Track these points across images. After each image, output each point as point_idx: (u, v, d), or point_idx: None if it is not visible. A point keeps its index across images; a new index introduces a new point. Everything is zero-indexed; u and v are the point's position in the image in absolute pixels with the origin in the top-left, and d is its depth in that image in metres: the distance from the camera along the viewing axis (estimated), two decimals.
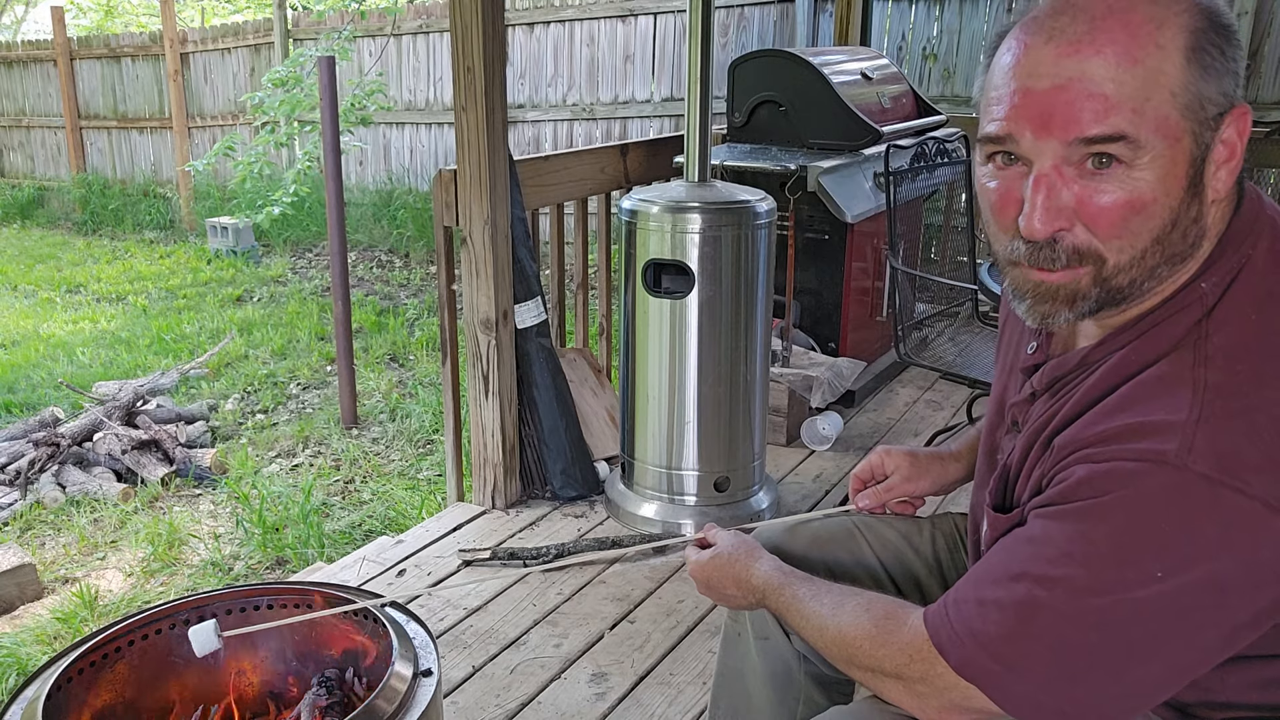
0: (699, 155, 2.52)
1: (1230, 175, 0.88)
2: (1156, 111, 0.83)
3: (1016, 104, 0.87)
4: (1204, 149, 0.86)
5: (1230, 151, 0.87)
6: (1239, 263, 0.89)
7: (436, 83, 7.43)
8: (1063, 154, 0.86)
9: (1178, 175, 0.85)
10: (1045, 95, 0.85)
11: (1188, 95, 0.84)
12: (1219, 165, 0.87)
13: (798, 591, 1.10)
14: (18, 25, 15.15)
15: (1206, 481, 0.79)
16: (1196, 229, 0.88)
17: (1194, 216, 0.88)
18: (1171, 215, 0.86)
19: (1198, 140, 0.85)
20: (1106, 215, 0.86)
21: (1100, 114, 0.83)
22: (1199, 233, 0.89)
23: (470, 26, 2.40)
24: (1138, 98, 0.83)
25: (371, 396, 4.51)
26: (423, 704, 1.18)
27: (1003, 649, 0.87)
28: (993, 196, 0.92)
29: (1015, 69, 0.87)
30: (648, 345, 2.56)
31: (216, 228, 7.53)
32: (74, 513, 3.42)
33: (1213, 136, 0.86)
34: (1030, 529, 0.89)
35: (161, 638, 1.35)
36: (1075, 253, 0.88)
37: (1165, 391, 0.84)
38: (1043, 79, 0.85)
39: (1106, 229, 0.87)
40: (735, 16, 5.81)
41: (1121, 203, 0.85)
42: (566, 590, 2.36)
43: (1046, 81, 0.85)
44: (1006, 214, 0.91)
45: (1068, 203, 0.87)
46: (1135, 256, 0.87)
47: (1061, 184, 0.87)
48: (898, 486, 1.36)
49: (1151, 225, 0.86)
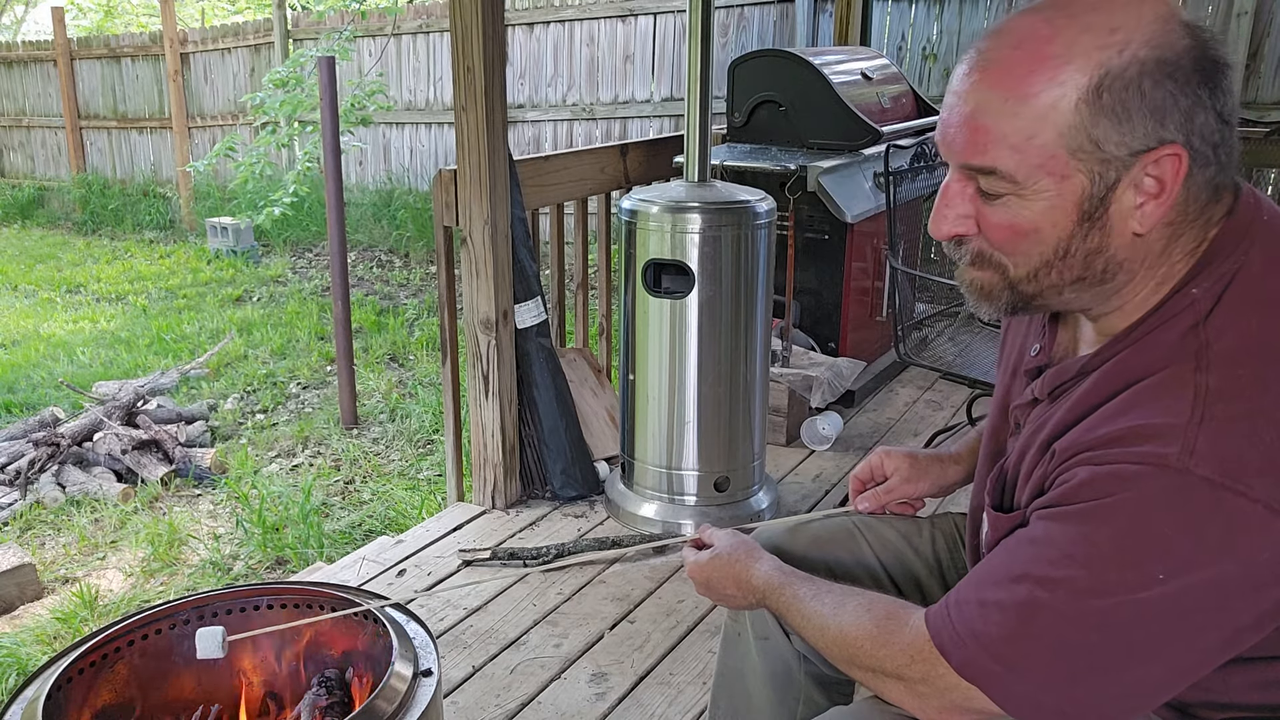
0: (699, 155, 2.52)
1: (1160, 209, 0.87)
2: (1041, 150, 0.86)
3: (941, 116, 0.93)
4: (1105, 186, 0.86)
5: (1160, 186, 0.86)
6: (1233, 268, 0.88)
7: (436, 83, 7.43)
8: (960, 171, 0.92)
9: (1065, 209, 0.88)
10: (948, 117, 0.91)
11: (1079, 136, 0.85)
12: (1146, 199, 0.86)
13: (798, 591, 1.10)
14: (18, 25, 15.15)
15: (1209, 485, 0.79)
16: (1103, 258, 0.89)
17: (1095, 247, 0.89)
18: (1061, 244, 0.89)
19: (1094, 178, 0.86)
20: (994, 233, 0.92)
21: (980, 147, 0.88)
22: (1107, 260, 0.90)
23: (470, 26, 2.41)
24: (1021, 134, 0.86)
25: (371, 396, 4.51)
26: (423, 704, 1.18)
27: (1004, 650, 0.87)
28: None
29: (950, 81, 0.93)
30: (648, 345, 2.56)
31: (216, 228, 7.53)
32: (74, 513, 3.42)
33: (1119, 175, 0.86)
34: (1032, 530, 0.90)
35: (161, 638, 1.35)
36: (979, 256, 0.95)
37: (1166, 396, 0.85)
38: (952, 99, 0.91)
39: (997, 244, 0.93)
40: (735, 16, 5.81)
41: (1005, 225, 0.91)
42: (566, 590, 2.36)
43: (953, 103, 0.91)
44: None
45: (968, 212, 0.93)
46: (1030, 272, 0.93)
47: (961, 196, 0.93)
48: (898, 488, 1.36)
49: (1040, 250, 0.91)
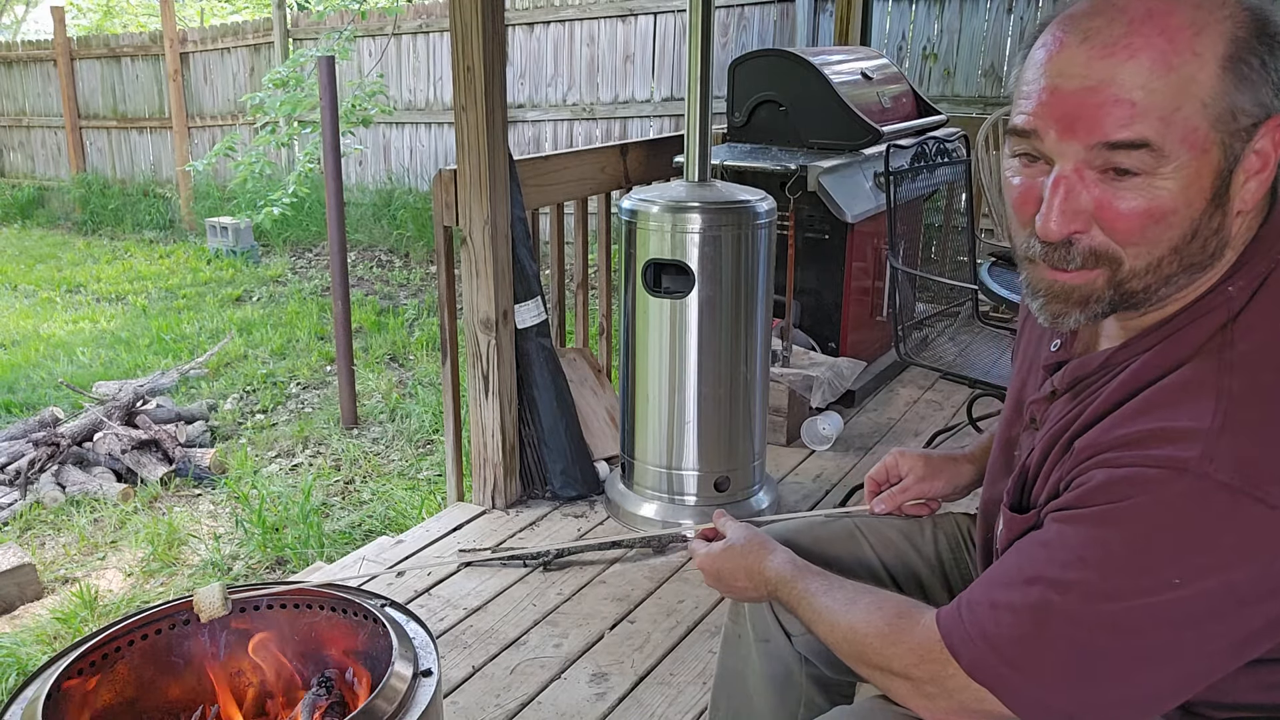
0: (699, 155, 2.51)
1: (1261, 186, 0.86)
2: (1185, 121, 0.81)
3: (1044, 101, 0.86)
4: (1233, 160, 0.84)
5: (1263, 162, 0.85)
6: (1267, 268, 0.87)
7: (436, 83, 7.43)
8: (1085, 157, 0.85)
9: (1202, 186, 0.83)
10: (1073, 96, 0.84)
11: (1220, 106, 0.82)
12: (1249, 176, 0.85)
13: (810, 585, 1.10)
14: (18, 25, 15.15)
15: (1227, 490, 0.78)
16: (1218, 240, 0.86)
17: (1215, 227, 0.86)
18: (1192, 225, 0.85)
19: (1227, 151, 0.83)
20: (1125, 221, 0.85)
21: (1126, 120, 0.82)
22: (1220, 243, 0.87)
23: (470, 26, 2.40)
24: (1167, 106, 0.81)
25: (371, 396, 4.51)
26: (423, 704, 1.18)
27: (1014, 651, 0.86)
28: (1015, 192, 0.92)
29: (1047, 65, 0.86)
30: (648, 345, 2.56)
31: (216, 228, 7.53)
32: (74, 513, 3.42)
33: (1243, 147, 0.84)
34: (1046, 532, 0.89)
35: (161, 638, 1.35)
36: (1091, 254, 0.88)
37: (1188, 398, 0.83)
38: (1072, 79, 0.84)
39: (1124, 234, 0.86)
40: (735, 16, 5.81)
41: (1141, 210, 0.84)
42: (566, 590, 2.36)
43: (1076, 82, 0.84)
44: (1025, 211, 0.91)
45: (1086, 206, 0.86)
46: (1152, 263, 0.87)
47: (1081, 187, 0.86)
48: (913, 487, 1.35)
49: (1171, 234, 0.85)
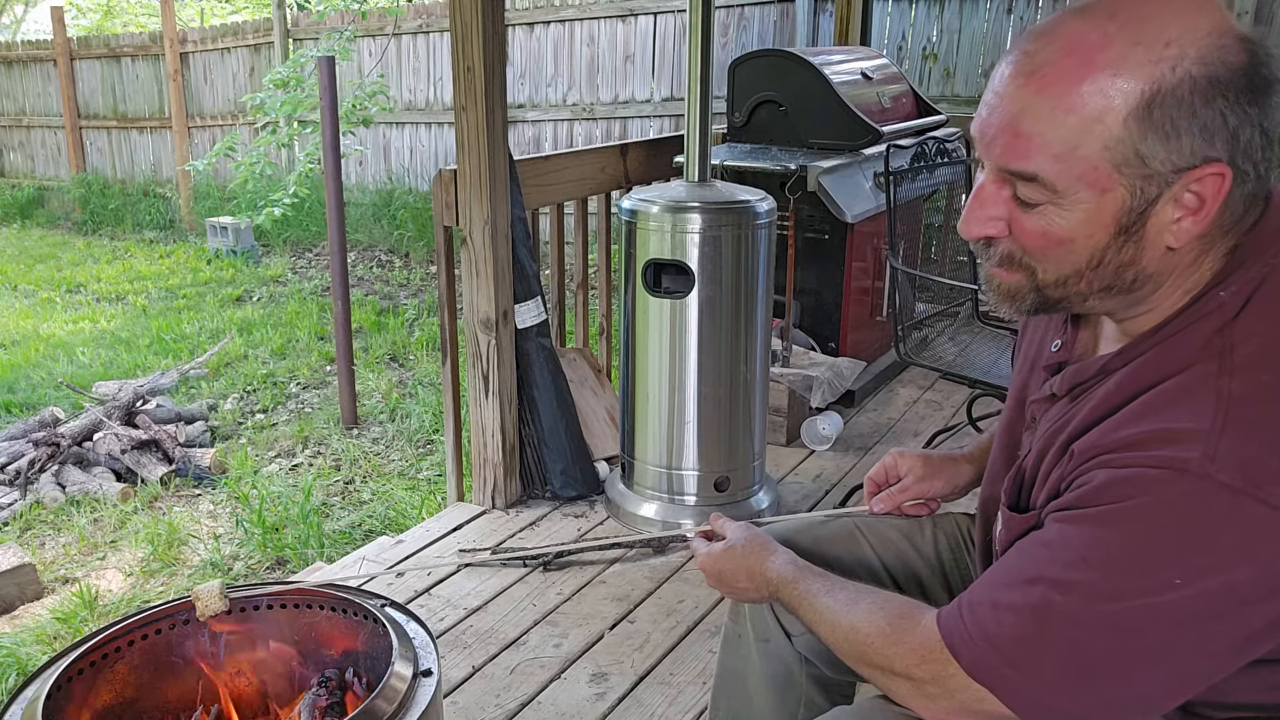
0: (699, 155, 2.52)
1: (1197, 226, 0.86)
2: (1084, 160, 0.84)
3: (979, 115, 0.91)
4: (1146, 202, 0.85)
5: (1200, 202, 0.85)
6: (1263, 272, 0.88)
7: (436, 83, 7.43)
8: (996, 173, 0.91)
9: (1103, 222, 0.87)
10: (990, 117, 0.89)
11: (1124, 150, 0.83)
12: (1184, 215, 0.86)
13: (811, 586, 1.10)
14: (18, 25, 15.15)
15: (1228, 490, 0.79)
16: (1135, 269, 0.89)
17: (1127, 259, 0.88)
18: (1094, 255, 0.89)
19: (1135, 192, 0.85)
20: (1027, 238, 0.91)
21: (1022, 152, 0.87)
22: (1138, 273, 0.89)
23: (470, 26, 2.41)
24: (1065, 144, 0.84)
25: (371, 396, 4.51)
26: (423, 704, 1.18)
27: (1015, 651, 0.87)
28: None
29: (992, 80, 0.91)
30: (648, 345, 2.56)
31: (216, 228, 7.53)
32: (74, 513, 3.42)
33: (1161, 191, 0.85)
34: (1047, 533, 0.89)
35: (161, 638, 1.35)
36: (1008, 258, 0.94)
37: (1189, 400, 0.84)
38: (994, 100, 0.89)
39: (1028, 249, 0.92)
40: (735, 16, 5.81)
41: (1039, 232, 0.90)
42: (566, 590, 2.36)
43: (995, 103, 0.89)
44: None
45: (1000, 214, 0.92)
46: (1060, 279, 0.92)
47: (996, 198, 0.91)
48: (912, 487, 1.36)
49: (1073, 259, 0.90)
